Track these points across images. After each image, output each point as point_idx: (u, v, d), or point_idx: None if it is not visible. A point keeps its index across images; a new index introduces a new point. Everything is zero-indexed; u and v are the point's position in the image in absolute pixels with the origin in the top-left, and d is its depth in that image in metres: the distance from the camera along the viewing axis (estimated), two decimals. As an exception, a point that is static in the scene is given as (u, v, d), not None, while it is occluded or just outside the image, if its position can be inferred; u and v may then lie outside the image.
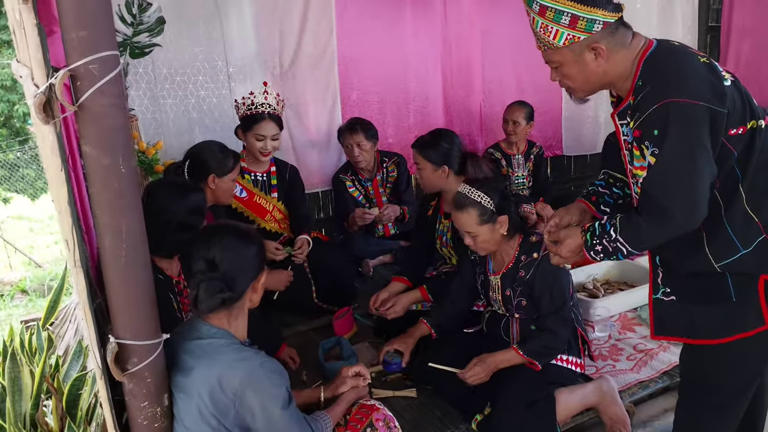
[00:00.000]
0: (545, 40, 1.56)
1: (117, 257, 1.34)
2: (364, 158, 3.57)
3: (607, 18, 1.50)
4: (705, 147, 1.44)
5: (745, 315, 1.60)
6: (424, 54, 4.23)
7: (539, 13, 1.53)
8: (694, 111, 1.42)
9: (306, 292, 3.09)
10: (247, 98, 3.02)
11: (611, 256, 1.61)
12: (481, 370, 2.19)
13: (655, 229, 1.52)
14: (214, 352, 1.50)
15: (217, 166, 2.60)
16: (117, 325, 1.39)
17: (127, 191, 1.32)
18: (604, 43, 1.53)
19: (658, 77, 1.50)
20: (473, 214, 2.18)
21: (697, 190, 1.46)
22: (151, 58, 3.23)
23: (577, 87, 1.66)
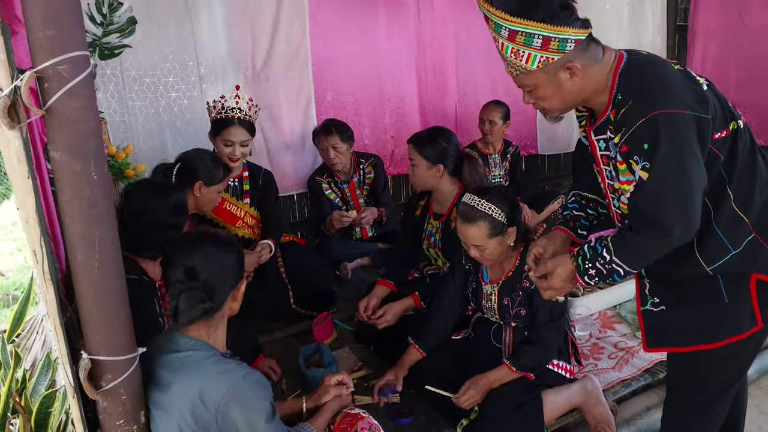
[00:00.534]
0: (517, 64, 1.51)
1: (89, 269, 1.27)
2: (340, 160, 3.51)
3: (579, 35, 1.47)
4: (696, 156, 1.42)
5: (738, 316, 1.60)
6: (399, 55, 4.20)
7: (509, 38, 1.48)
8: (682, 121, 1.41)
9: (283, 298, 3.02)
10: (218, 102, 2.93)
11: (606, 279, 1.57)
12: (475, 392, 2.12)
13: (653, 245, 1.50)
14: (194, 365, 1.43)
15: (207, 175, 2.56)
16: (90, 341, 1.32)
17: (100, 199, 1.25)
18: (578, 61, 1.50)
19: (639, 90, 1.47)
20: (484, 227, 2.07)
21: (691, 202, 1.44)
22: (120, 60, 3.12)
23: (552, 107, 1.62)
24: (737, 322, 1.60)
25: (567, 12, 1.46)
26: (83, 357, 1.31)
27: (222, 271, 1.50)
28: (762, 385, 2.69)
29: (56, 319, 1.32)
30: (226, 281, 1.51)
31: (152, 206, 1.95)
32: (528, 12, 1.43)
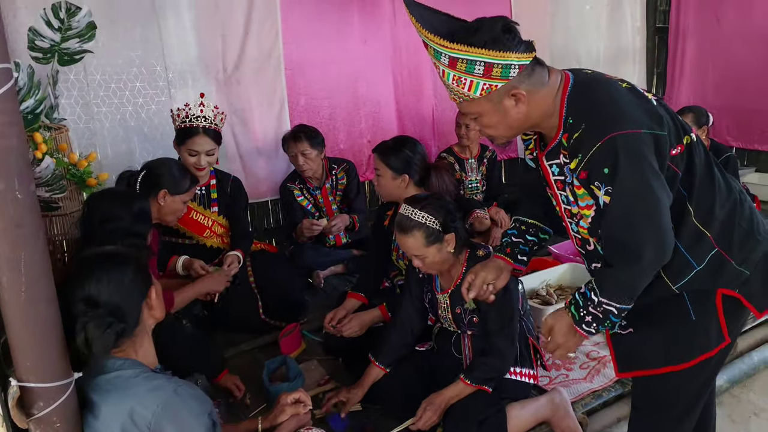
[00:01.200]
0: (460, 92, 1.45)
1: (16, 292, 1.20)
2: (310, 167, 3.45)
3: (522, 60, 1.40)
4: (658, 174, 1.38)
5: (707, 334, 1.56)
6: (374, 58, 4.15)
7: (449, 65, 1.41)
8: (640, 140, 1.36)
9: (252, 309, 2.94)
10: (182, 110, 2.86)
11: (604, 323, 1.51)
12: (431, 413, 2.07)
13: (631, 274, 1.45)
14: (123, 385, 1.36)
15: (172, 183, 2.51)
16: (19, 367, 1.25)
17: (25, 219, 1.19)
18: (523, 87, 1.44)
19: (591, 112, 1.42)
20: (419, 237, 2.05)
21: (660, 222, 1.39)
22: (83, 64, 3.05)
23: (499, 135, 1.56)
24: (706, 340, 1.57)
25: (510, 35, 1.40)
26: (12, 384, 1.25)
27: (122, 288, 1.41)
28: (734, 393, 2.66)
29: (-19, 346, 1.25)
30: (132, 296, 1.43)
31: (115, 214, 1.92)
32: (468, 37, 1.37)
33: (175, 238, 2.99)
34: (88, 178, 2.67)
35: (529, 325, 2.32)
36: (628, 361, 1.67)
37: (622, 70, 5.30)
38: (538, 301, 3.03)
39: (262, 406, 2.38)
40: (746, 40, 4.77)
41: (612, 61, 5.23)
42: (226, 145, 3.59)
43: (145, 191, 2.49)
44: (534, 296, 3.11)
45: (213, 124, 2.89)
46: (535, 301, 3.01)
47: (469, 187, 4.09)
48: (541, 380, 2.49)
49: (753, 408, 2.58)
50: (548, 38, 4.87)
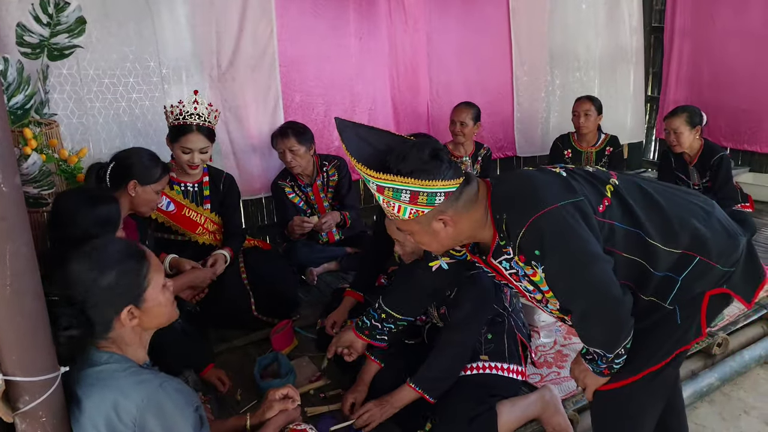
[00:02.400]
0: (390, 212, 1.49)
1: (1, 286, 1.20)
2: (298, 163, 3.43)
3: (449, 187, 1.43)
4: (589, 240, 1.42)
5: (687, 332, 1.62)
6: (370, 55, 4.15)
7: (377, 191, 1.44)
8: (559, 214, 1.42)
9: (244, 305, 2.93)
10: (176, 107, 2.84)
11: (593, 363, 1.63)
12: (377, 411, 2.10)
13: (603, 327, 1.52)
14: (108, 378, 1.35)
15: (142, 173, 2.45)
16: (5, 360, 1.25)
17: (10, 212, 1.18)
18: (450, 212, 1.48)
19: (509, 202, 1.49)
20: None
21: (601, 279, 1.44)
22: (76, 59, 3.04)
23: (434, 250, 1.67)
24: (685, 337, 1.63)
25: (437, 162, 1.42)
26: (-3, 378, 1.24)
27: (94, 295, 1.35)
28: (725, 391, 2.67)
29: (-34, 339, 1.24)
30: (101, 305, 1.37)
31: (75, 218, 1.88)
32: (396, 165, 1.40)
33: (167, 235, 2.98)
34: (78, 173, 2.66)
35: (518, 322, 2.32)
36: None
37: (619, 70, 5.32)
38: (530, 299, 3.03)
39: (253, 402, 2.37)
40: (741, 39, 4.78)
41: (609, 61, 5.23)
42: (220, 141, 3.59)
43: (115, 183, 2.44)
44: (527, 294, 3.11)
45: (207, 122, 2.87)
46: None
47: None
48: (533, 378, 2.49)
49: (743, 406, 2.59)
50: (546, 36, 4.88)
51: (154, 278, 1.45)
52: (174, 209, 2.95)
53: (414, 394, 2.10)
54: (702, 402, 2.61)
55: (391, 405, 2.12)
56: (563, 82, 5.05)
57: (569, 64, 5.05)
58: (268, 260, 3.15)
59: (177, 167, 2.96)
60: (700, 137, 3.79)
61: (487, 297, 2.15)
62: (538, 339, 2.79)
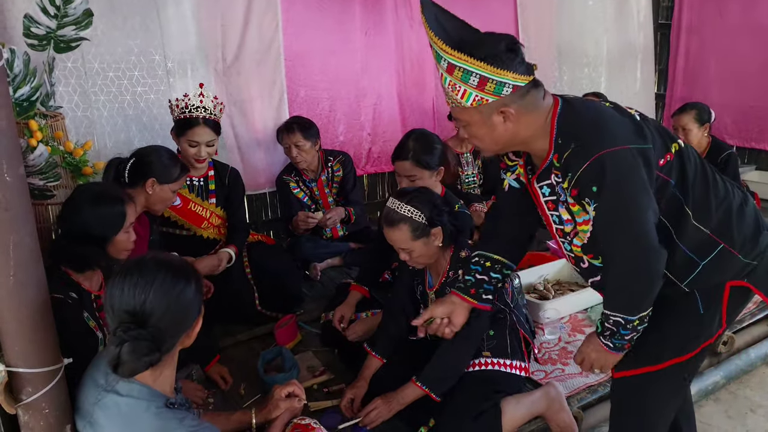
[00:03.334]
0: (453, 98, 1.48)
1: (4, 276, 1.20)
2: (304, 159, 3.43)
3: (518, 81, 1.42)
4: (645, 188, 1.42)
5: (711, 323, 1.61)
6: (376, 50, 4.13)
7: (447, 70, 1.44)
8: (626, 156, 1.40)
9: (248, 300, 2.93)
10: (181, 100, 2.83)
11: (616, 336, 1.57)
12: (383, 409, 2.09)
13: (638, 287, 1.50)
14: (131, 416, 1.29)
15: (161, 172, 2.46)
16: (8, 352, 1.25)
17: (14, 202, 1.18)
18: (514, 107, 1.46)
19: (580, 133, 1.46)
20: (405, 230, 2.05)
21: (646, 234, 1.44)
22: (81, 52, 3.03)
23: (484, 148, 1.60)
24: (710, 329, 1.62)
25: (511, 55, 1.42)
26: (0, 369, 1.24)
27: (179, 312, 1.29)
28: (731, 389, 2.65)
29: (-30, 330, 1.24)
30: (182, 324, 1.31)
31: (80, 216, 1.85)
32: (471, 48, 1.39)
33: (173, 229, 2.98)
34: (84, 166, 2.65)
35: (521, 318, 2.31)
36: (625, 361, 1.67)
37: (627, 66, 5.28)
38: (535, 296, 3.02)
39: (257, 396, 2.37)
40: (749, 36, 4.74)
41: (617, 57, 5.20)
42: (225, 136, 3.58)
43: (134, 179, 2.45)
44: (531, 291, 3.11)
45: (212, 115, 2.87)
46: (532, 296, 3.00)
47: (466, 181, 4.07)
48: (537, 374, 2.48)
49: (749, 404, 2.57)
50: (554, 32, 4.84)
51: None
52: (180, 204, 2.94)
53: (420, 392, 2.09)
54: (707, 400, 2.59)
55: (397, 402, 2.11)
56: (571, 78, 5.02)
57: (577, 60, 5.01)
58: (272, 255, 3.15)
59: (183, 161, 2.95)
60: (708, 135, 3.76)
61: None
62: (542, 336, 2.77)
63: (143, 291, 1.25)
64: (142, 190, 2.44)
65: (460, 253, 2.15)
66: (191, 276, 1.34)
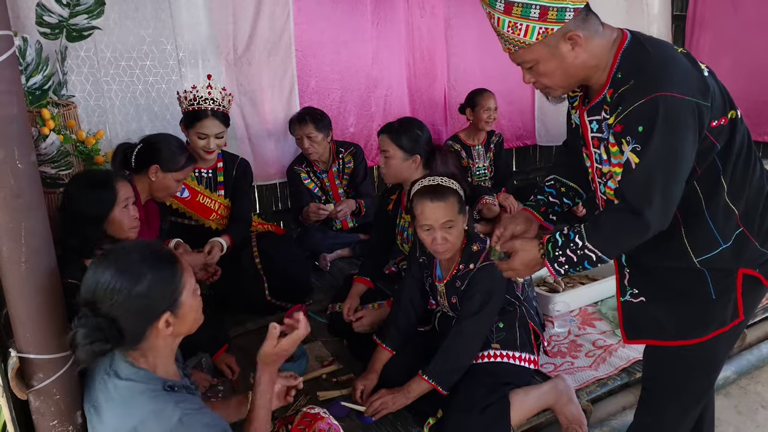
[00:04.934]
0: (515, 39, 1.45)
1: (16, 263, 1.21)
2: (316, 150, 3.43)
3: (577, 4, 1.40)
4: (690, 145, 1.38)
5: (723, 311, 1.57)
6: (387, 41, 4.10)
7: (505, 11, 1.41)
8: (682, 105, 1.35)
9: (257, 290, 2.94)
10: (189, 92, 2.84)
11: (577, 267, 1.52)
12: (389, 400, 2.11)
13: (627, 235, 1.46)
14: (129, 399, 1.29)
15: (166, 160, 2.46)
16: (19, 338, 1.26)
17: (25, 189, 1.19)
18: (580, 31, 1.43)
19: (642, 70, 1.41)
20: (453, 203, 2.04)
21: (674, 194, 1.41)
22: (93, 41, 3.04)
23: (555, 84, 1.54)
24: (722, 317, 1.57)
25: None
26: (11, 355, 1.25)
27: (129, 303, 1.26)
28: (742, 384, 2.63)
29: (-18, 316, 1.25)
30: (140, 315, 1.29)
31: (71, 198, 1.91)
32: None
33: (181, 220, 2.99)
34: (96, 155, 2.67)
35: (530, 311, 2.30)
36: (637, 329, 1.67)
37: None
38: (545, 289, 3.01)
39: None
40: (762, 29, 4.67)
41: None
42: (236, 126, 3.58)
43: (139, 165, 2.46)
44: (541, 283, 3.09)
45: (221, 107, 2.87)
46: (542, 288, 2.98)
47: (477, 173, 4.06)
48: (546, 367, 2.47)
49: (760, 400, 2.55)
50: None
51: (187, 281, 1.38)
52: (188, 195, 2.95)
53: (427, 386, 2.09)
54: (718, 395, 2.57)
55: (403, 395, 2.11)
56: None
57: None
58: (281, 245, 3.15)
59: (192, 153, 2.96)
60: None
61: (498, 288, 2.13)
62: (552, 329, 2.76)
63: (97, 277, 1.26)
64: (146, 177, 2.45)
65: (472, 247, 2.14)
66: (161, 265, 1.32)
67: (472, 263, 2.12)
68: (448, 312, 2.29)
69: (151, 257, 1.33)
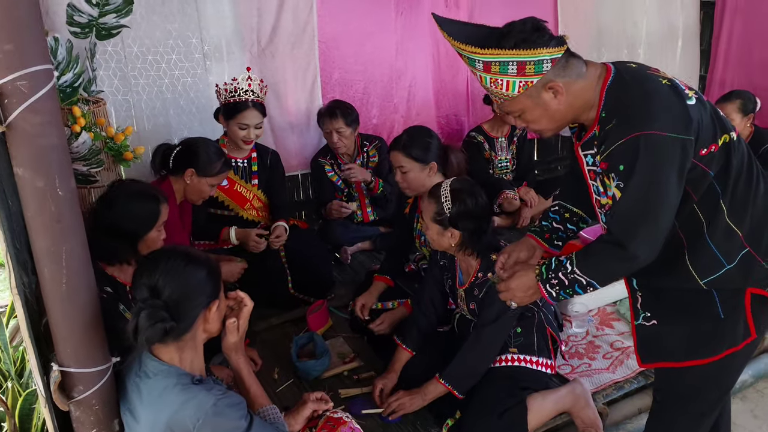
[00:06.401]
0: (499, 93, 1.50)
1: (57, 284, 1.27)
2: (344, 144, 3.46)
3: (554, 55, 1.44)
4: (671, 182, 1.40)
5: (734, 330, 1.58)
6: (411, 32, 4.07)
7: (484, 69, 1.46)
8: (663, 143, 1.38)
9: (281, 284, 3.02)
10: (230, 84, 2.91)
11: (568, 290, 1.57)
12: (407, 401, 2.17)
13: (616, 265, 1.51)
14: (160, 395, 1.38)
15: (203, 164, 2.53)
16: (60, 353, 1.33)
17: (65, 214, 1.24)
18: (559, 80, 1.47)
19: (623, 109, 1.45)
20: (430, 209, 2.13)
21: (661, 228, 1.44)
22: (121, 37, 3.06)
23: (544, 128, 1.59)
24: (733, 336, 1.59)
25: (539, 33, 1.44)
26: (53, 369, 1.32)
27: (187, 288, 1.41)
28: (758, 388, 2.64)
29: (26, 332, 1.32)
30: (193, 300, 1.43)
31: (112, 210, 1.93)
32: (498, 42, 1.42)
33: (218, 210, 3.08)
34: (125, 151, 2.73)
35: (548, 316, 2.33)
36: (650, 352, 1.70)
37: (669, 47, 5.12)
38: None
39: (289, 380, 2.45)
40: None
41: (659, 39, 5.05)
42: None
43: (177, 167, 2.54)
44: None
45: (260, 98, 2.97)
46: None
47: (499, 166, 4.06)
48: (564, 368, 2.51)
49: (777, 404, 2.57)
50: (593, 13, 4.72)
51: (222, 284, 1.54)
52: (227, 184, 3.07)
53: (443, 389, 2.14)
54: (734, 398, 2.58)
55: (420, 397, 2.17)
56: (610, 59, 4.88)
57: (618, 41, 4.88)
58: (305, 240, 3.23)
59: (229, 143, 3.07)
60: (751, 124, 3.66)
61: None
62: (570, 329, 2.79)
63: (156, 271, 1.40)
64: (182, 179, 2.51)
65: (491, 256, 2.16)
66: (201, 262, 1.48)
67: (491, 272, 2.15)
68: (467, 315, 2.33)
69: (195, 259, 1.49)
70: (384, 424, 2.21)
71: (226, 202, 3.09)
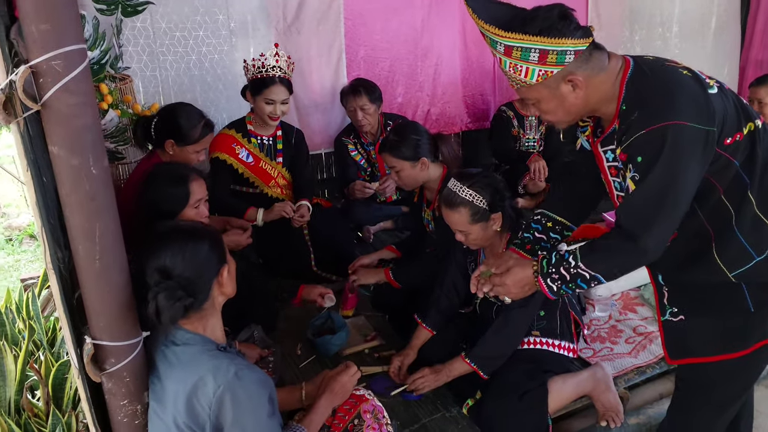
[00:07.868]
0: (517, 79, 1.46)
1: (91, 260, 1.29)
2: (368, 122, 3.46)
3: (578, 46, 1.40)
4: (690, 175, 1.38)
5: (764, 323, 1.57)
6: (438, 7, 4.02)
7: (505, 53, 1.42)
8: (688, 133, 1.35)
9: (305, 260, 3.06)
10: (258, 60, 2.92)
11: (569, 284, 1.55)
12: (431, 378, 2.19)
13: (622, 259, 1.49)
14: (189, 360, 1.43)
15: (181, 133, 2.44)
16: (93, 326, 1.36)
17: (99, 192, 1.26)
18: (580, 73, 1.43)
19: (646, 100, 1.41)
20: (465, 214, 2.08)
21: (673, 222, 1.42)
22: (149, 12, 3.10)
23: (558, 119, 1.56)
24: (763, 330, 1.57)
25: (565, 22, 1.39)
26: (87, 342, 1.35)
27: (196, 263, 1.45)
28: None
29: (60, 306, 1.36)
30: (204, 272, 1.46)
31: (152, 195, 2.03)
32: (523, 26, 1.38)
33: (243, 187, 3.11)
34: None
35: (572, 300, 2.32)
36: (679, 349, 1.68)
37: (700, 30, 4.99)
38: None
39: (311, 357, 2.49)
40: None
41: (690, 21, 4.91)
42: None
43: (158, 139, 2.48)
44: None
45: (286, 74, 2.98)
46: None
47: (526, 145, 4.02)
48: (586, 352, 2.51)
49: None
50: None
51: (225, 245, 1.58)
52: (252, 161, 3.10)
53: (468, 368, 2.16)
54: (759, 386, 2.56)
55: (445, 374, 2.19)
56: (643, 38, 4.77)
57: (650, 24, 4.76)
58: (329, 219, 3.26)
59: (255, 120, 3.07)
60: (787, 107, 3.57)
61: None
62: (593, 312, 2.78)
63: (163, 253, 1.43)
64: (164, 153, 2.48)
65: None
66: (201, 234, 1.52)
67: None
68: (491, 298, 2.33)
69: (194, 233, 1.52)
70: (405, 402, 2.23)
71: (251, 179, 3.12)
